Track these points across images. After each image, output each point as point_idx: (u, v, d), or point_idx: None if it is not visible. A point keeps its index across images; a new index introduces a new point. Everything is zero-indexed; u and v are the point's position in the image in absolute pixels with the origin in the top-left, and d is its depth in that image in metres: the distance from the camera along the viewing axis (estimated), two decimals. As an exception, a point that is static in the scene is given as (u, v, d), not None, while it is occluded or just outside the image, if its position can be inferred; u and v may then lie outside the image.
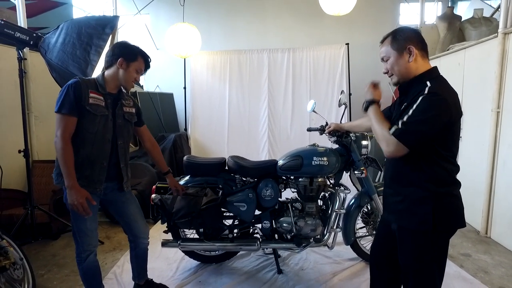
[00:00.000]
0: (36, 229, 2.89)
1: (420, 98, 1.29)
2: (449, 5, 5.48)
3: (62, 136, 1.64)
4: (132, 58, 1.78)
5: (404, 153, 1.31)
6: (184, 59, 5.32)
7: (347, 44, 5.05)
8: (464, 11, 5.83)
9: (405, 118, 1.30)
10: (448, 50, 3.95)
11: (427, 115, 1.27)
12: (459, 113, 1.35)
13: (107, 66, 1.80)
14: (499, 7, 4.82)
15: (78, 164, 1.70)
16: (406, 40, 1.39)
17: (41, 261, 2.67)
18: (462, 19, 4.42)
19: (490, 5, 5.31)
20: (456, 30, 4.35)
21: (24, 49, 3.35)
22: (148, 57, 1.88)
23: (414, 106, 1.29)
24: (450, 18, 4.36)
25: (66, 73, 2.58)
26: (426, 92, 1.29)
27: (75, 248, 1.81)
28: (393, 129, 1.33)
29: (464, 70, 3.49)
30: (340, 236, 2.48)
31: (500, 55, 2.92)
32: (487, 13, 4.57)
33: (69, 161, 1.64)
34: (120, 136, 1.85)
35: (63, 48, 2.49)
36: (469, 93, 3.38)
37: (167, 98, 6.28)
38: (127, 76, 1.79)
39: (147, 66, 1.87)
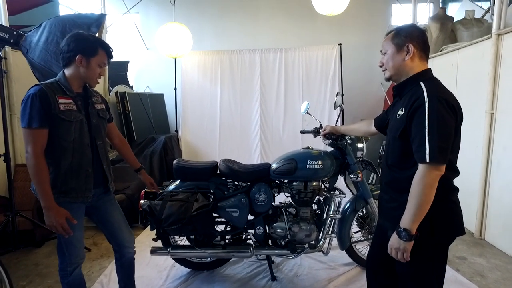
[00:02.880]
0: (18, 237, 2.75)
1: (426, 109, 1.22)
2: (441, 6, 5.50)
3: (34, 152, 1.48)
4: (92, 52, 1.60)
5: (444, 169, 1.23)
6: (175, 59, 5.22)
7: (340, 44, 5.02)
8: (454, 12, 5.85)
9: (427, 140, 1.20)
10: (441, 51, 3.94)
11: (441, 123, 1.21)
12: (461, 114, 1.31)
13: (65, 64, 1.61)
14: (489, 9, 4.86)
15: (61, 177, 1.58)
16: (407, 37, 1.35)
17: (23, 271, 2.54)
18: (454, 20, 4.42)
19: (481, 7, 5.34)
20: (448, 31, 4.35)
21: (6, 48, 3.22)
22: (109, 47, 1.69)
23: (426, 122, 1.21)
24: (442, 19, 4.35)
25: (49, 73, 2.47)
26: (426, 99, 1.23)
27: (60, 262, 1.67)
28: (420, 159, 1.22)
29: (457, 71, 3.48)
30: (335, 241, 2.42)
31: (494, 56, 2.90)
32: (477, 15, 4.58)
33: (44, 179, 1.50)
34: (98, 136, 1.72)
35: (46, 47, 2.38)
36: (462, 94, 3.36)
37: (157, 99, 6.16)
38: (90, 73, 1.62)
39: (109, 56, 1.69)
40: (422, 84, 1.30)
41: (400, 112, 1.35)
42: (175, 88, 5.35)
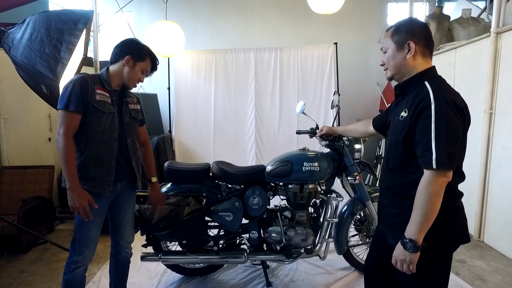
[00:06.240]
0: (2, 243, 2.64)
1: (433, 112, 1.14)
2: (437, 5, 5.46)
3: (65, 134, 1.55)
4: (141, 57, 1.73)
5: (451, 175, 1.16)
6: (168, 58, 5.11)
7: (336, 43, 4.96)
8: (451, 11, 5.82)
9: (433, 145, 1.13)
10: (438, 50, 3.89)
11: (449, 127, 1.13)
12: (469, 116, 1.23)
13: (112, 61, 1.74)
14: (485, 8, 4.82)
15: (85, 165, 1.63)
16: (408, 34, 1.26)
17: (6, 280, 2.42)
18: (450, 19, 4.37)
19: (477, 6, 5.31)
20: (445, 30, 4.30)
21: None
22: (157, 59, 1.82)
23: (432, 126, 1.13)
24: (439, 18, 4.30)
25: (34, 72, 2.35)
26: (432, 101, 1.16)
27: (69, 256, 1.68)
28: (425, 164, 1.15)
29: (455, 70, 3.43)
30: (332, 245, 2.35)
31: (492, 55, 2.85)
32: (474, 14, 4.54)
33: (71, 161, 1.56)
34: (128, 134, 1.78)
35: (29, 45, 2.27)
36: (460, 93, 3.30)
37: (151, 99, 6.03)
38: (132, 75, 1.73)
39: (153, 68, 1.82)
40: (426, 83, 1.23)
41: (404, 114, 1.27)
42: (169, 88, 5.25)
